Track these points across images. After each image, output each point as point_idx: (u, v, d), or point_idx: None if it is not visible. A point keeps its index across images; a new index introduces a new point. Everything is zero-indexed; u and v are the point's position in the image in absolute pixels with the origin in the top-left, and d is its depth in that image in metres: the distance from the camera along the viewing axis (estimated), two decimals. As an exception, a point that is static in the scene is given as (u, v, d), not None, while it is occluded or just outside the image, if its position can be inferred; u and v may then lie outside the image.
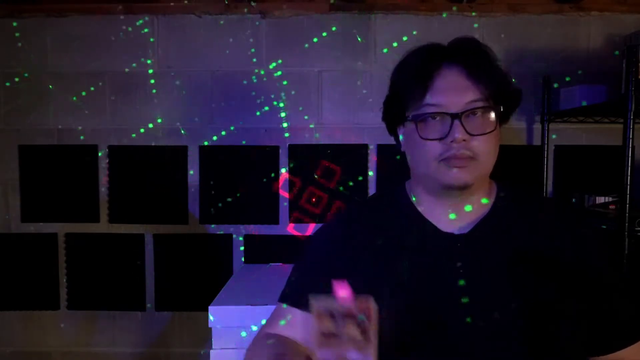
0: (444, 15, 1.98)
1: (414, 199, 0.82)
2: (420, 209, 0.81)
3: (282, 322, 0.82)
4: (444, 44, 0.78)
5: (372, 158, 2.04)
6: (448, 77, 0.73)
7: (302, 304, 0.79)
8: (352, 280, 0.77)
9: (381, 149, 2.03)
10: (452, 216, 0.78)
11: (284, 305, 0.84)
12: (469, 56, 0.74)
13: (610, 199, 1.80)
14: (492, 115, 0.73)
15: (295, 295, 0.83)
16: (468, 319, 0.71)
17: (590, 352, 0.76)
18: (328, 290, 0.72)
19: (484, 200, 0.79)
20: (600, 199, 1.82)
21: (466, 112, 0.71)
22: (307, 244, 0.88)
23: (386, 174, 2.02)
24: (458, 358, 0.70)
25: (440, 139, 0.72)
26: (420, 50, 0.78)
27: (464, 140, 0.71)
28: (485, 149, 0.72)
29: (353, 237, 0.81)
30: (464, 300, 0.71)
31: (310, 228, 2.04)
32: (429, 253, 0.76)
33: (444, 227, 0.78)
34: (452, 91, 0.72)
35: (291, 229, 2.05)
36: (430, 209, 0.80)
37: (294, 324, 0.81)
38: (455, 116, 0.71)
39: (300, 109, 2.04)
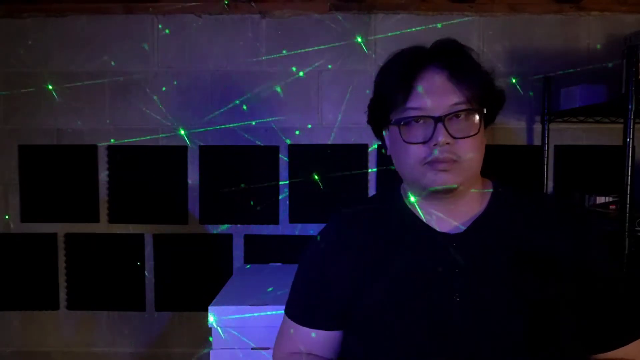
0: (444, 15, 1.98)
1: (408, 200, 0.82)
2: (414, 210, 0.81)
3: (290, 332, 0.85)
4: (427, 47, 0.77)
5: (372, 158, 2.04)
6: (430, 80, 0.73)
7: (300, 318, 0.84)
8: (348, 285, 0.77)
9: (381, 148, 2.02)
10: (445, 216, 0.78)
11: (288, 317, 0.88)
12: (451, 58, 0.73)
13: (611, 199, 1.80)
14: (476, 117, 0.73)
15: (294, 309, 0.86)
16: (466, 319, 0.70)
17: (591, 350, 0.75)
18: (322, 304, 0.79)
19: (478, 200, 0.79)
20: (601, 199, 1.82)
21: (449, 115, 0.71)
22: (302, 254, 0.88)
23: (386, 174, 2.02)
24: (457, 358, 0.70)
25: (423, 143, 0.72)
26: (402, 54, 0.78)
27: (448, 143, 0.70)
28: (469, 152, 0.72)
29: (348, 241, 0.81)
30: (461, 300, 0.71)
31: (311, 228, 2.04)
32: (425, 254, 0.76)
33: (439, 227, 0.78)
34: (434, 94, 0.72)
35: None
36: (423, 210, 0.80)
37: (295, 338, 0.85)
38: (438, 119, 0.71)
39: (300, 109, 2.04)
